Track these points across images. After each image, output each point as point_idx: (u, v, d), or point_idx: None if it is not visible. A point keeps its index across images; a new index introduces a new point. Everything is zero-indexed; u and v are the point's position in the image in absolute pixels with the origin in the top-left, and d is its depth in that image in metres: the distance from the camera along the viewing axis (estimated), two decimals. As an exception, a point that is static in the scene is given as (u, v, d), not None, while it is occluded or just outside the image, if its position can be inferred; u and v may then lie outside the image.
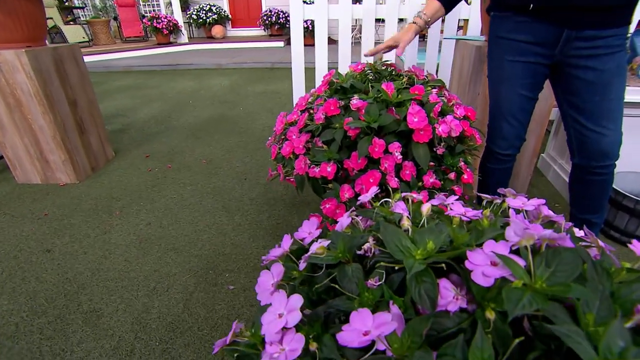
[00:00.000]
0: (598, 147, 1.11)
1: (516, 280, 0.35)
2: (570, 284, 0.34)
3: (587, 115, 1.09)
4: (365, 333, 0.36)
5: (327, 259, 0.50)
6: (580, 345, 0.29)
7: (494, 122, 1.27)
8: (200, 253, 1.46)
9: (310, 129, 1.19)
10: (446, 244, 0.45)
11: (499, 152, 1.29)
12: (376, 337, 0.35)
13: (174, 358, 1.05)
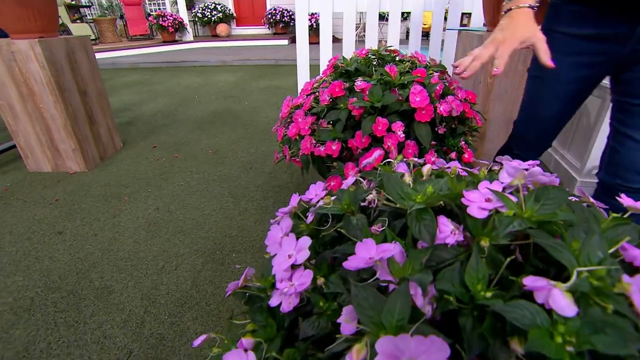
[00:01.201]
0: (632, 162, 0.93)
1: (507, 210, 0.39)
2: (556, 211, 0.37)
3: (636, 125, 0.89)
4: (369, 259, 0.39)
5: (334, 209, 0.54)
6: (562, 254, 0.32)
7: (523, 123, 1.10)
8: (208, 235, 1.50)
9: (315, 111, 1.22)
10: (444, 191, 0.48)
11: (519, 155, 1.12)
12: (379, 260, 0.38)
13: (182, 330, 1.08)
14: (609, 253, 0.35)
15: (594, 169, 1.84)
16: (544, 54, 0.72)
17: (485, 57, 0.75)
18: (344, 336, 0.37)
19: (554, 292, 0.30)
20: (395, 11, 2.33)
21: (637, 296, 0.28)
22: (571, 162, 1.94)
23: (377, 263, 0.39)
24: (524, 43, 0.74)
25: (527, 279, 0.32)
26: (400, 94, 1.08)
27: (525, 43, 0.74)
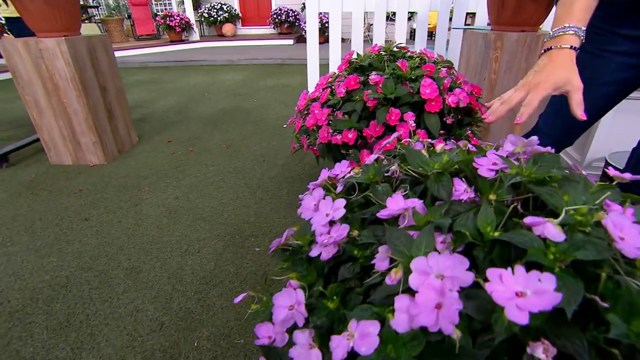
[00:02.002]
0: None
1: (511, 170, 0.47)
2: (550, 170, 0.46)
3: None
4: (399, 209, 0.48)
5: (361, 179, 0.62)
6: (554, 199, 0.41)
7: (550, 118, 1.08)
8: (227, 222, 1.59)
9: (331, 103, 1.31)
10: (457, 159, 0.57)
11: None
12: (406, 210, 0.47)
13: (209, 305, 1.17)
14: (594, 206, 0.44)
15: (594, 162, 1.91)
16: (578, 106, 0.68)
17: (514, 103, 0.69)
18: (379, 271, 0.46)
19: (548, 225, 0.39)
20: (402, 11, 2.42)
21: (609, 223, 0.37)
22: (572, 155, 2.03)
23: (405, 212, 0.48)
24: (558, 90, 0.67)
25: (527, 219, 0.41)
26: (411, 87, 1.17)
27: (560, 90, 0.68)
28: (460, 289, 0.37)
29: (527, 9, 1.62)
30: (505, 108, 0.69)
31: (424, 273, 0.38)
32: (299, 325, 0.49)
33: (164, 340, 1.05)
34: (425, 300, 0.36)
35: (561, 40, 0.70)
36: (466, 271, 0.37)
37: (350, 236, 0.55)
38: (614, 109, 1.65)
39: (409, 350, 0.38)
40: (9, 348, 1.04)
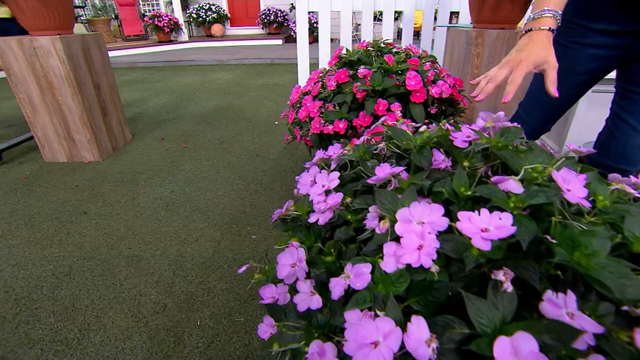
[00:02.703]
0: (624, 145, 0.99)
1: (481, 140, 0.55)
2: (514, 140, 0.54)
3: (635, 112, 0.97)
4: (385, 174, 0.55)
5: (352, 156, 0.70)
6: (515, 161, 0.49)
7: (528, 107, 1.14)
8: (223, 212, 1.65)
9: (322, 96, 1.38)
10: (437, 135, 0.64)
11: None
12: (392, 175, 0.54)
13: (209, 288, 1.23)
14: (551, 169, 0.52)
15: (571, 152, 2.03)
16: (552, 83, 0.74)
17: (499, 80, 0.75)
18: (370, 228, 0.53)
19: (510, 181, 0.46)
20: (389, 10, 2.50)
21: (558, 177, 0.45)
22: (550, 146, 2.14)
23: (391, 178, 0.55)
24: (537, 67, 0.74)
25: (494, 177, 0.49)
26: (397, 79, 1.25)
27: (539, 67, 0.74)
28: (437, 233, 0.44)
29: (505, 8, 1.72)
30: (492, 85, 0.76)
31: (407, 221, 0.45)
32: (299, 289, 0.56)
33: (168, 321, 1.11)
34: (408, 243, 0.44)
35: (540, 22, 0.76)
36: (442, 217, 0.44)
37: (344, 203, 0.62)
38: (588, 102, 1.77)
39: (396, 287, 0.45)
40: (18, 331, 1.08)
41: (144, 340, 1.05)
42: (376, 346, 0.39)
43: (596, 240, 0.42)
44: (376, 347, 0.39)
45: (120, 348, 1.03)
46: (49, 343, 1.04)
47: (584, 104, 1.90)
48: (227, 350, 1.01)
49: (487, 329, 0.39)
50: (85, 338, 1.06)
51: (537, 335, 0.36)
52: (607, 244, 0.43)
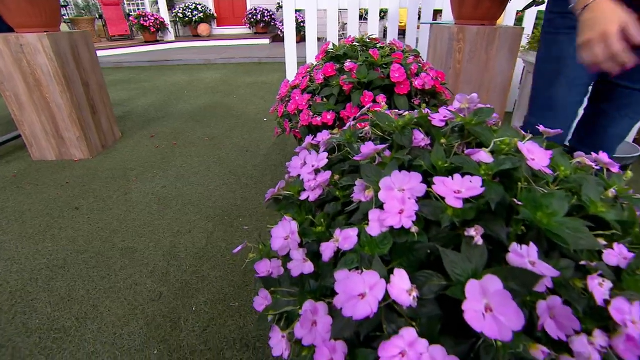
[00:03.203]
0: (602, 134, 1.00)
1: (456, 119, 0.60)
2: (485, 119, 0.59)
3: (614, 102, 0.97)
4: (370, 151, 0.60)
5: (340, 139, 0.74)
6: (487, 135, 0.54)
7: (540, 111, 1.09)
8: (215, 205, 1.68)
9: (311, 89, 1.43)
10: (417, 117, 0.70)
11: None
12: (375, 152, 0.59)
13: (204, 276, 1.26)
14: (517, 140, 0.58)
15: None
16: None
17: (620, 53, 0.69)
18: (357, 201, 0.58)
19: (481, 152, 0.52)
20: (374, 8, 2.56)
21: (523, 148, 0.50)
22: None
23: (375, 154, 0.60)
24: (622, 26, 0.69)
25: (467, 150, 0.54)
26: (382, 72, 1.31)
27: (622, 26, 0.69)
28: (417, 199, 0.49)
29: (484, 6, 1.79)
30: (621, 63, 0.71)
31: (389, 188, 0.50)
32: (292, 257, 0.60)
33: (164, 307, 1.14)
34: (391, 207, 0.49)
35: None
36: (420, 184, 0.49)
37: (333, 181, 0.67)
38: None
39: (380, 248, 0.50)
40: (15, 321, 1.10)
41: (141, 326, 1.08)
42: (363, 297, 0.43)
43: (556, 201, 0.48)
44: (363, 298, 0.43)
45: (118, 334, 1.05)
46: (47, 332, 1.06)
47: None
48: (223, 332, 1.05)
49: (461, 278, 0.44)
50: (82, 326, 1.08)
51: (504, 281, 0.41)
52: (565, 205, 0.48)
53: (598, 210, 0.54)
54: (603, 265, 0.51)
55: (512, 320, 0.38)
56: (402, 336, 0.43)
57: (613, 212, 0.55)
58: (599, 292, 0.47)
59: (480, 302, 0.39)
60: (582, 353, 0.44)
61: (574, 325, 0.43)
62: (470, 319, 0.38)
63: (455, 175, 0.48)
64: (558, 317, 0.43)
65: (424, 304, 0.46)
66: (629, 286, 0.51)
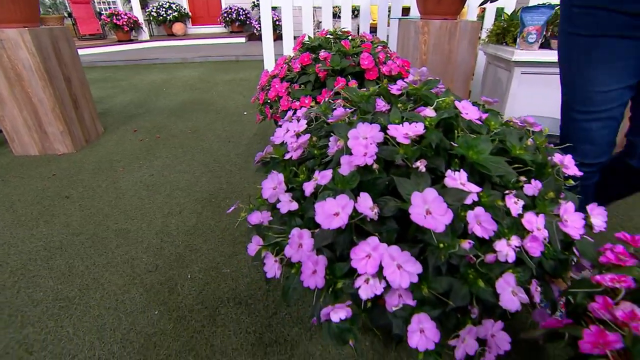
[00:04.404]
0: None
1: (410, 88, 0.75)
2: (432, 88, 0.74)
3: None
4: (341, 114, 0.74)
5: (317, 111, 0.88)
6: (431, 97, 0.69)
7: (577, 124, 0.98)
8: (202, 190, 1.79)
9: (289, 78, 1.56)
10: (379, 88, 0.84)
11: (584, 163, 0.98)
12: (345, 114, 0.73)
13: (196, 249, 1.37)
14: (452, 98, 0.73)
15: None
16: None
17: None
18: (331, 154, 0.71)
19: (427, 109, 0.67)
20: (347, 5, 2.71)
21: (459, 105, 0.65)
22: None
23: (345, 117, 0.74)
24: None
25: (418, 108, 0.69)
26: (353, 60, 1.45)
27: None
28: (377, 145, 0.63)
29: (446, 2, 1.97)
30: None
31: (355, 137, 0.64)
32: (282, 202, 0.73)
33: (161, 277, 1.25)
34: (357, 151, 0.63)
35: None
36: (379, 132, 0.63)
37: (312, 142, 0.80)
38: (519, 82, 2.02)
39: (350, 184, 0.63)
40: (20, 295, 1.18)
41: (141, 293, 1.18)
42: (337, 215, 0.57)
43: (482, 143, 0.63)
44: (337, 216, 0.57)
45: (120, 300, 1.15)
46: (52, 301, 1.15)
47: (515, 83, 2.20)
48: (217, 294, 1.17)
49: (410, 196, 0.58)
50: (85, 295, 1.17)
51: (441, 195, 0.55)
52: (490, 145, 0.64)
53: (517, 152, 0.70)
54: (522, 194, 0.67)
55: (443, 216, 0.52)
56: (368, 242, 0.57)
57: (529, 154, 0.71)
58: (514, 208, 0.63)
59: (422, 208, 0.53)
60: (502, 250, 0.60)
61: (493, 227, 0.58)
62: (415, 218, 0.53)
63: (404, 123, 0.62)
64: (482, 222, 0.58)
65: (384, 221, 0.60)
66: (540, 208, 0.67)
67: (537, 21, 2.02)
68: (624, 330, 0.48)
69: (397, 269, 0.55)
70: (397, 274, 0.55)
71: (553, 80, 2.16)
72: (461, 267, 0.61)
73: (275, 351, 0.98)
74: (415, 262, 0.55)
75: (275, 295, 1.16)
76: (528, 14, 2.03)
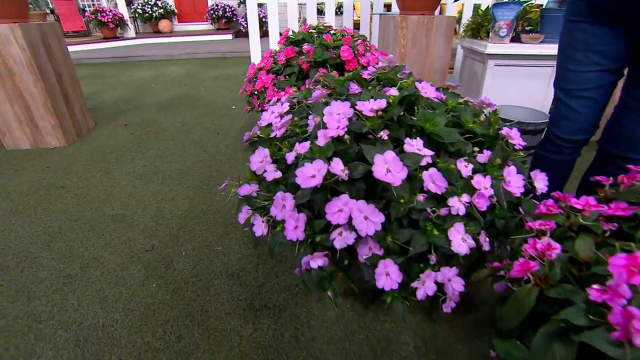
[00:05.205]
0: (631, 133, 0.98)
1: (379, 73, 0.86)
2: (397, 72, 0.85)
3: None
4: (319, 94, 0.85)
5: (298, 96, 0.99)
6: (395, 78, 0.80)
7: (560, 101, 1.09)
8: (194, 178, 1.87)
9: (274, 70, 1.65)
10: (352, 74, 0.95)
11: (562, 137, 1.10)
12: (322, 95, 0.84)
13: (190, 230, 1.47)
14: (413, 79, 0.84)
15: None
16: None
17: None
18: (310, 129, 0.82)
19: (391, 89, 0.78)
20: (330, 1, 2.81)
21: (418, 85, 0.76)
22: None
23: (322, 99, 0.85)
24: None
25: (384, 89, 0.80)
26: (334, 53, 1.56)
27: None
28: (348, 119, 0.74)
29: (422, -3, 2.09)
30: None
31: (330, 113, 0.75)
32: (267, 172, 0.83)
33: (157, 255, 1.34)
34: (331, 125, 0.73)
35: None
36: (349, 109, 0.74)
37: (294, 122, 0.91)
38: (493, 74, 2.15)
39: (325, 153, 0.74)
40: (24, 274, 1.26)
41: (139, 269, 1.27)
42: (314, 177, 0.68)
43: (438, 116, 0.75)
44: (314, 177, 0.68)
45: (120, 276, 1.24)
46: (56, 279, 1.23)
47: (489, 75, 2.34)
48: (210, 268, 1.27)
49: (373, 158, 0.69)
50: (87, 272, 1.26)
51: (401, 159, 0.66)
52: (444, 119, 0.75)
53: (470, 126, 0.81)
54: (474, 161, 0.79)
55: (400, 173, 0.63)
56: (340, 199, 0.68)
57: (481, 128, 0.83)
58: (465, 170, 0.74)
59: (383, 167, 0.64)
60: (454, 205, 0.71)
61: (445, 184, 0.70)
62: (377, 175, 0.64)
63: (370, 100, 0.73)
64: (436, 181, 0.70)
65: (354, 182, 0.71)
66: (489, 172, 0.79)
67: (507, 16, 2.16)
68: (544, 260, 0.60)
69: (364, 220, 0.66)
70: (365, 223, 0.66)
71: (524, 72, 2.31)
72: (420, 221, 0.72)
73: (265, 314, 1.09)
74: (379, 213, 0.66)
75: (264, 268, 1.26)
76: (499, 9, 2.17)
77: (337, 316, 1.07)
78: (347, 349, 0.98)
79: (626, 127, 0.99)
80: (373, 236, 0.67)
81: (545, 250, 0.59)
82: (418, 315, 1.07)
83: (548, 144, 1.16)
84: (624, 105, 1.00)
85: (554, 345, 0.52)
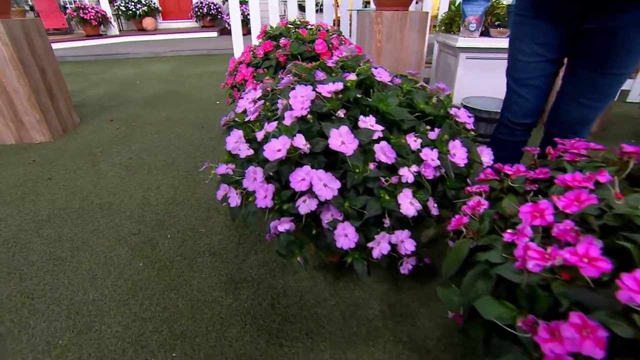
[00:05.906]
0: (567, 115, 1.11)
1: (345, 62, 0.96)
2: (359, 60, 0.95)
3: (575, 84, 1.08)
4: (286, 82, 0.94)
5: (272, 84, 1.08)
6: (356, 67, 0.90)
7: (511, 88, 1.22)
8: (178, 168, 1.95)
9: (254, 63, 1.74)
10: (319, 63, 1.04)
11: (513, 121, 1.24)
12: (290, 82, 0.93)
13: (175, 215, 1.55)
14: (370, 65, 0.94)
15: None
16: None
17: None
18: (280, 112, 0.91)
19: (350, 75, 0.87)
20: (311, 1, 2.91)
21: (373, 70, 0.86)
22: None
23: (290, 85, 0.94)
24: None
25: (344, 74, 0.89)
26: (309, 47, 1.65)
27: None
28: (310, 101, 0.84)
29: (396, -7, 2.19)
30: None
31: (295, 96, 0.84)
32: (240, 150, 0.92)
33: (144, 238, 1.41)
34: (296, 106, 0.83)
35: None
36: (311, 91, 0.84)
37: (266, 107, 1.00)
38: (464, 67, 2.27)
39: (291, 131, 0.83)
40: (16, 257, 1.32)
41: (127, 251, 1.35)
42: (279, 151, 0.77)
43: (390, 98, 0.85)
44: (279, 151, 0.77)
45: (108, 257, 1.32)
46: (47, 261, 1.30)
47: (461, 67, 2.46)
48: (194, 248, 1.35)
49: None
50: (77, 255, 1.33)
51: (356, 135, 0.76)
52: (396, 99, 0.85)
53: (421, 107, 0.92)
54: (426, 138, 0.89)
55: (352, 144, 0.73)
56: (302, 169, 0.78)
57: (432, 109, 0.93)
58: (414, 144, 0.84)
59: (338, 139, 0.74)
60: (404, 175, 0.81)
61: (394, 155, 0.80)
62: (333, 146, 0.73)
63: (329, 83, 0.83)
64: (386, 152, 0.80)
65: (316, 156, 0.81)
66: (438, 146, 0.89)
67: (476, 12, 2.29)
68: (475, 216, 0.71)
69: (323, 187, 0.76)
70: (324, 190, 0.76)
71: (494, 65, 2.44)
72: (375, 189, 0.83)
73: (244, 287, 1.18)
74: (336, 180, 0.76)
75: (245, 247, 1.35)
76: (468, 5, 2.29)
77: (311, 286, 1.17)
78: (318, 313, 1.08)
79: (563, 111, 1.13)
80: (332, 201, 0.77)
81: (476, 207, 0.70)
82: (384, 284, 1.17)
83: (502, 127, 1.29)
84: (563, 91, 1.14)
85: (478, 282, 0.63)
